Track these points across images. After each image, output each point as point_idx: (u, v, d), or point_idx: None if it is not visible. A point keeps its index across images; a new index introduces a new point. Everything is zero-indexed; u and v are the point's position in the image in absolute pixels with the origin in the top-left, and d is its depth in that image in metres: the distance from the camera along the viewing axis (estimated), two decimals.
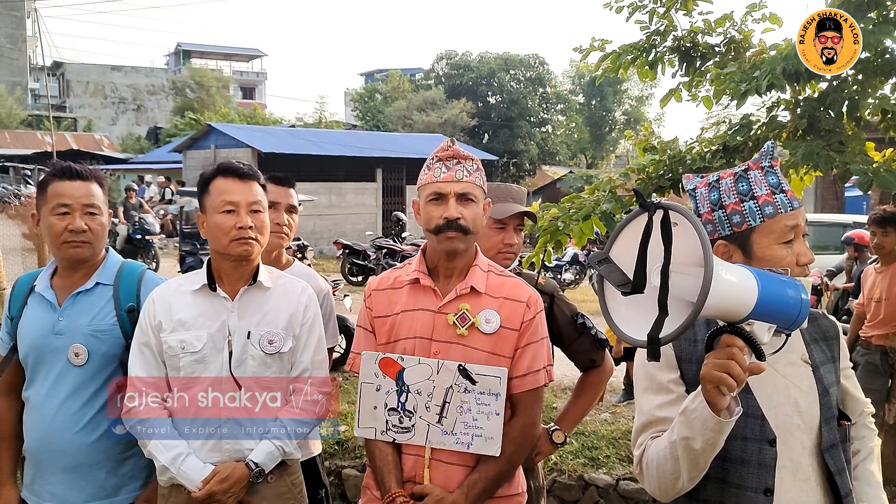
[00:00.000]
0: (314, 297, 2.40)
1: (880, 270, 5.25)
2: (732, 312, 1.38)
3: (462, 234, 2.10)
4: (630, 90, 43.93)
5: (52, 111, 32.05)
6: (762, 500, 1.62)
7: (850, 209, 14.83)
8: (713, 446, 1.50)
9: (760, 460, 1.63)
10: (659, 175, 4.12)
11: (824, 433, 1.65)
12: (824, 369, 1.72)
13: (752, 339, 1.40)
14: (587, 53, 4.71)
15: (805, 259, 1.64)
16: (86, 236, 2.34)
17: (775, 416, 1.65)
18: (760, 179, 1.67)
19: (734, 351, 1.39)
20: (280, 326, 2.29)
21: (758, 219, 1.65)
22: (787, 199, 1.65)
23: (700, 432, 1.48)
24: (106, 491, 2.36)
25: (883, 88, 3.84)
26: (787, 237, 1.64)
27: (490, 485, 2.07)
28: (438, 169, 2.13)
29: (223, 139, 21.18)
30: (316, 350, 2.35)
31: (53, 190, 2.34)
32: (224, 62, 55.86)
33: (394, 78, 39.98)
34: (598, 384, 2.84)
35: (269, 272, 2.37)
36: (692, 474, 1.56)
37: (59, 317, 2.35)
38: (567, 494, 4.72)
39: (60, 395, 2.32)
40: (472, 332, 2.10)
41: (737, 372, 1.38)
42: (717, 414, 1.44)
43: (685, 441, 1.51)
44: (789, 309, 1.41)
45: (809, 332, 1.75)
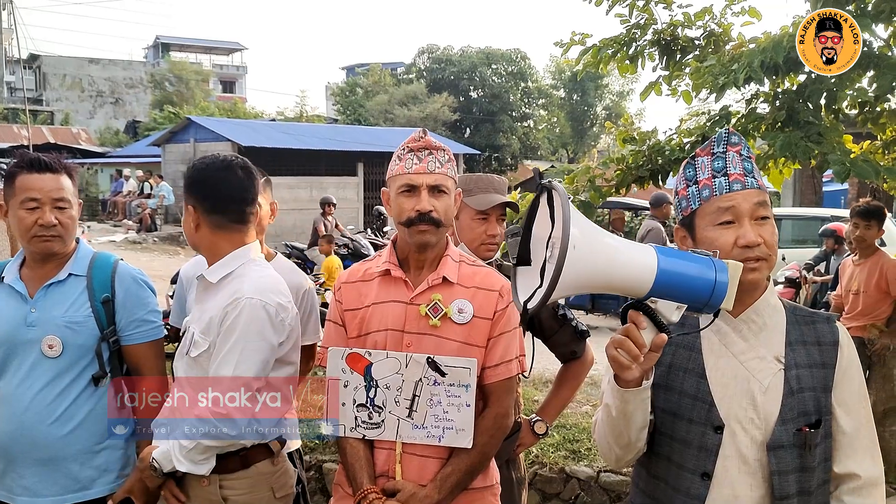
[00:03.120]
0: (242, 305, 2.11)
1: (858, 263, 5.29)
2: (629, 287, 1.40)
3: (434, 227, 2.07)
4: (611, 85, 44.05)
5: (29, 104, 31.60)
6: (699, 483, 1.65)
7: (828, 203, 14.98)
8: (624, 415, 1.58)
9: (702, 444, 1.65)
10: (638, 165, 4.13)
11: (776, 432, 1.62)
12: (802, 372, 1.66)
13: (654, 316, 1.44)
14: (568, 48, 4.71)
15: (743, 241, 1.61)
16: (56, 230, 2.31)
17: (728, 406, 1.65)
18: (706, 164, 1.70)
19: (630, 327, 1.44)
20: (200, 329, 2.18)
21: (696, 202, 1.69)
22: (728, 181, 1.65)
23: (611, 400, 1.58)
24: (80, 483, 2.34)
25: (861, 81, 3.87)
26: (721, 218, 1.64)
27: (463, 477, 2.06)
28: (410, 160, 2.09)
29: (203, 133, 20.99)
30: (221, 364, 2.09)
31: (22, 183, 2.29)
32: (204, 55, 55.34)
33: (375, 72, 39.81)
34: (578, 375, 2.86)
35: (223, 267, 2.21)
36: (618, 441, 1.65)
37: (31, 308, 2.32)
38: (548, 487, 4.73)
39: (34, 387, 2.29)
40: (444, 322, 2.07)
41: (628, 346, 1.44)
42: (626, 385, 1.52)
43: (607, 408, 1.63)
44: (696, 289, 1.41)
45: (798, 334, 1.70)
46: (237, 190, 2.22)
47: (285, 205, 20.09)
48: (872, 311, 5.14)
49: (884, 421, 4.92)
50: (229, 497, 2.17)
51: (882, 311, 5.12)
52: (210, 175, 2.21)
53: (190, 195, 2.23)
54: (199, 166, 2.24)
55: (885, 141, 4.39)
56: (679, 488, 1.67)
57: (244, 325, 2.10)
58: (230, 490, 2.17)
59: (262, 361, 2.13)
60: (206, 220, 2.22)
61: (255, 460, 2.21)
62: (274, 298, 2.17)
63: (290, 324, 2.22)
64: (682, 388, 1.69)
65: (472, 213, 2.70)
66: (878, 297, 5.13)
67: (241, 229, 2.25)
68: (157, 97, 40.98)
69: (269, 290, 2.17)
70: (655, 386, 1.67)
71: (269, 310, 2.14)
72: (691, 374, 1.68)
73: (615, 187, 4.31)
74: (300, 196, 20.53)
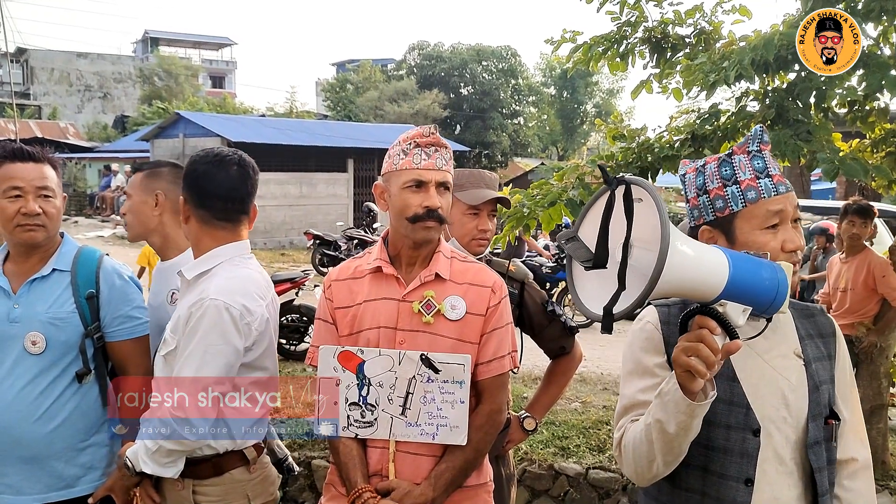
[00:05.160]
0: (206, 307, 2.05)
1: (846, 261, 5.33)
2: (700, 291, 1.36)
3: (438, 224, 2.07)
4: (601, 83, 44.17)
5: (16, 98, 31.34)
6: (743, 490, 1.59)
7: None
8: (686, 430, 1.46)
9: (743, 450, 1.60)
10: (628, 163, 4.12)
11: (810, 429, 1.62)
12: (817, 366, 1.68)
13: (724, 320, 1.38)
14: (558, 45, 4.69)
15: (791, 245, 1.60)
16: (40, 219, 2.28)
17: (762, 407, 1.62)
18: (745, 164, 1.64)
19: (704, 333, 1.36)
20: (171, 327, 2.13)
21: (740, 204, 1.62)
22: (773, 183, 1.62)
23: (673, 415, 1.44)
24: (64, 481, 2.31)
25: (850, 80, 3.88)
26: (770, 222, 1.61)
27: (458, 474, 2.04)
28: (418, 155, 2.06)
29: (192, 128, 20.88)
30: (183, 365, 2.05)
31: (4, 172, 2.27)
32: (193, 50, 55.02)
33: (365, 68, 39.71)
34: (567, 371, 2.87)
35: (200, 264, 2.17)
36: (667, 458, 1.53)
37: (13, 304, 2.29)
38: (537, 484, 4.74)
39: (16, 384, 2.26)
40: (437, 319, 2.05)
41: (705, 354, 1.34)
42: (691, 397, 1.40)
43: (659, 424, 1.48)
44: (764, 291, 1.39)
45: (805, 328, 1.72)
46: (224, 187, 2.17)
47: (275, 201, 20.06)
48: (860, 309, 5.17)
49: (871, 419, 4.95)
50: (202, 502, 2.14)
51: (869, 308, 5.16)
52: (201, 169, 2.18)
53: (183, 187, 2.21)
54: (195, 158, 2.22)
55: (873, 139, 4.40)
56: (722, 498, 1.61)
57: (206, 326, 2.03)
58: (203, 496, 2.14)
59: (226, 365, 2.06)
60: (194, 214, 2.19)
61: (229, 467, 2.16)
62: (239, 300, 2.08)
63: (258, 328, 2.13)
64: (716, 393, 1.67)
65: (464, 208, 2.70)
66: (865, 295, 5.16)
67: (225, 226, 2.20)
68: (145, 92, 40.77)
69: (235, 292, 2.09)
70: None
71: (234, 312, 2.06)
72: (722, 378, 1.60)
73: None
74: (290, 192, 20.46)
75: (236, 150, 2.25)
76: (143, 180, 2.55)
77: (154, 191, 2.52)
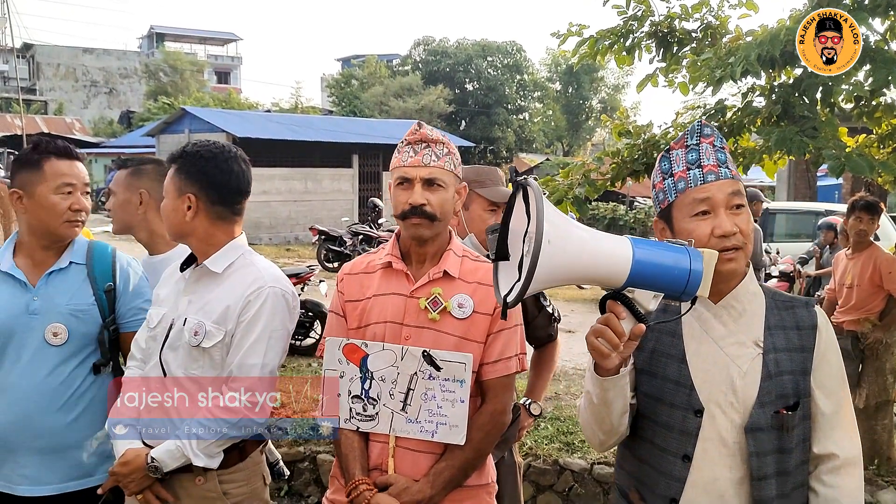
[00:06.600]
0: (266, 294, 2.12)
1: (852, 257, 5.31)
2: (606, 278, 1.42)
3: (427, 221, 2.04)
4: (606, 78, 44.07)
5: (22, 94, 31.48)
6: (680, 465, 1.70)
7: (822, 198, 15.04)
8: (605, 402, 1.63)
9: (683, 427, 1.70)
10: (633, 159, 4.12)
11: (753, 415, 1.67)
12: (781, 356, 1.70)
13: (631, 305, 1.46)
14: (564, 39, 4.69)
15: (719, 231, 1.64)
16: (83, 215, 2.37)
17: (709, 390, 1.69)
18: (680, 157, 1.72)
19: (610, 317, 1.47)
20: (211, 319, 2.11)
21: (672, 194, 1.72)
22: (702, 173, 1.68)
23: (592, 388, 1.64)
24: (84, 470, 2.34)
25: (857, 75, 3.87)
26: (697, 209, 1.67)
27: (457, 473, 2.04)
28: (406, 153, 2.07)
29: (197, 123, 20.93)
30: (248, 352, 2.09)
31: (55, 168, 2.33)
32: (199, 46, 55.13)
33: (370, 64, 39.73)
34: (555, 356, 3.06)
35: (225, 257, 2.18)
36: (601, 427, 1.71)
37: (33, 297, 2.31)
38: (542, 479, 4.75)
39: (37, 375, 2.28)
40: (443, 316, 2.05)
41: (608, 336, 1.46)
42: (606, 373, 1.56)
43: (588, 395, 1.68)
44: (672, 278, 1.42)
45: (777, 319, 1.74)
46: (244, 182, 2.23)
47: (280, 196, 20.10)
48: (865, 305, 5.15)
49: (876, 414, 4.94)
50: (229, 491, 2.15)
51: (875, 304, 5.14)
52: (219, 166, 2.17)
53: (192, 183, 2.15)
54: (205, 154, 2.17)
55: (880, 135, 4.39)
56: (662, 470, 1.72)
57: (269, 313, 2.11)
58: (230, 484, 2.15)
59: (283, 349, 2.19)
60: (208, 210, 2.17)
61: (250, 450, 2.21)
62: (289, 287, 2.21)
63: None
64: (665, 373, 1.73)
65: (485, 204, 2.78)
66: (871, 291, 5.14)
67: (238, 220, 2.25)
68: (151, 87, 40.89)
69: (282, 279, 2.20)
70: (639, 371, 1.76)
71: (288, 297, 2.18)
72: (673, 359, 1.73)
73: (610, 181, 4.31)
74: (295, 187, 20.50)
75: (228, 143, 2.30)
76: (127, 178, 2.67)
77: (138, 189, 2.64)
